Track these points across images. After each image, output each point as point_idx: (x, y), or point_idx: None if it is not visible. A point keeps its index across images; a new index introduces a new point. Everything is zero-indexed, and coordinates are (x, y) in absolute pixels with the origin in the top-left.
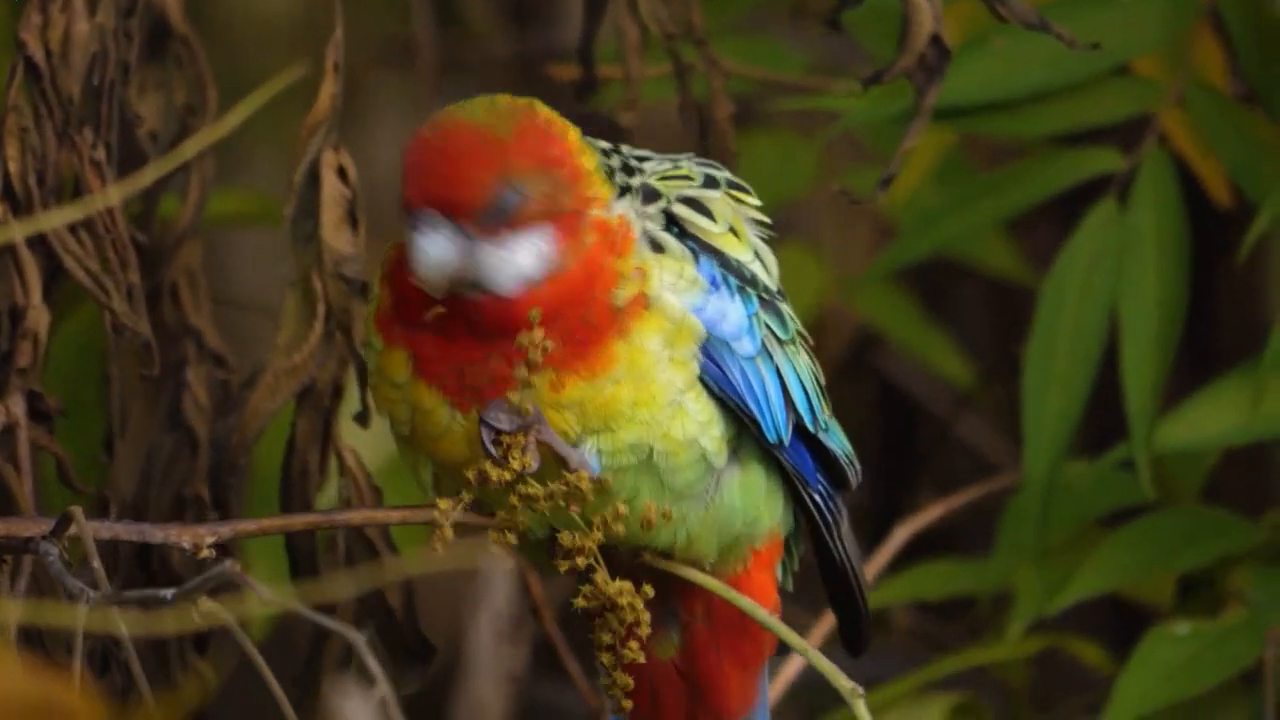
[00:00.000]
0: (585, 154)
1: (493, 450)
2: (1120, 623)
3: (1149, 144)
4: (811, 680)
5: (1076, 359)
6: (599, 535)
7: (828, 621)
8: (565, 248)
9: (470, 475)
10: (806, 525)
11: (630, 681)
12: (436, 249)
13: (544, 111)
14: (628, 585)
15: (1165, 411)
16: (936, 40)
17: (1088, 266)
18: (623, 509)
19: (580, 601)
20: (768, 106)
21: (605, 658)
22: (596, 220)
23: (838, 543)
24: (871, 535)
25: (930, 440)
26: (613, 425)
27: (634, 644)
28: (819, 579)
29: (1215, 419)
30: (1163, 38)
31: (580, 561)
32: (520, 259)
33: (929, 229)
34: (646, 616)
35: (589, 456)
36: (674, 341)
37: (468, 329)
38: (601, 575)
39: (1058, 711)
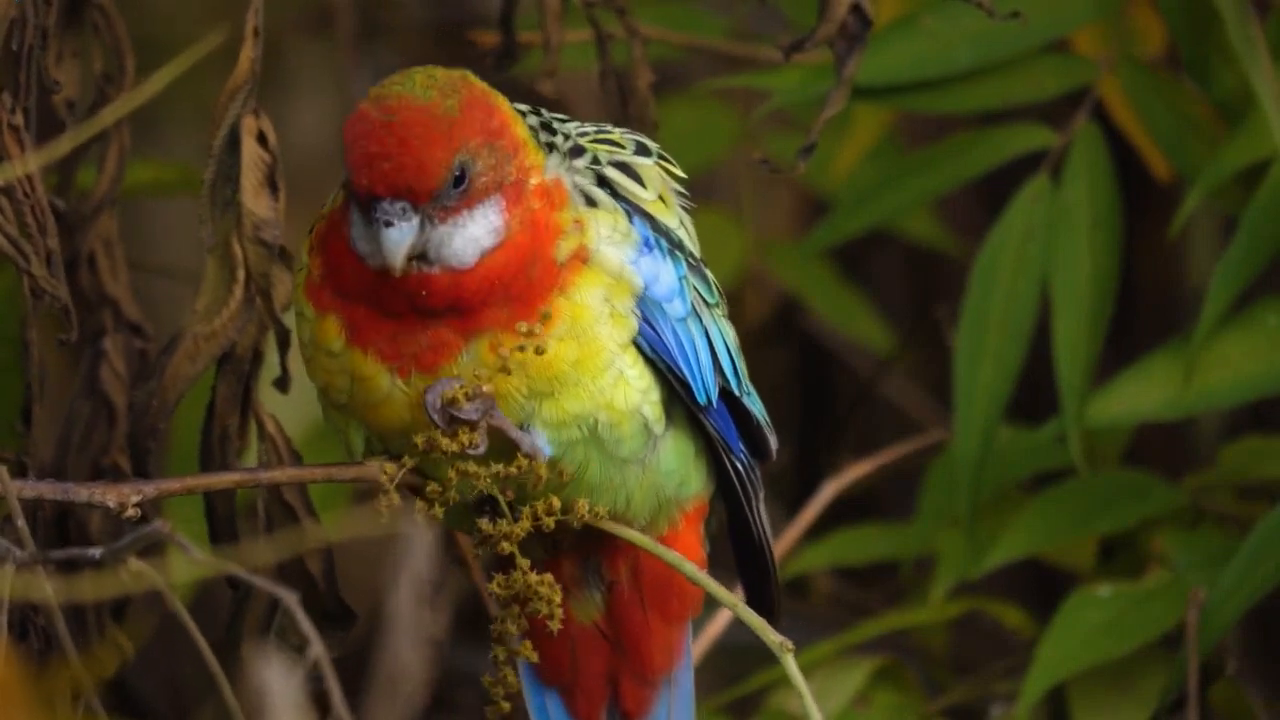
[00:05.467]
0: (518, 122)
1: (440, 421)
2: (1042, 586)
3: (1081, 120)
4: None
5: (1008, 333)
6: (527, 525)
7: None
8: (512, 216)
9: (420, 441)
10: (721, 496)
11: (515, 684)
12: (400, 235)
13: (479, 83)
14: (548, 576)
15: (1094, 383)
16: (857, 9)
17: (1020, 242)
18: (555, 502)
19: (495, 588)
20: (694, 80)
21: (499, 651)
22: (536, 187)
23: (756, 514)
24: (794, 497)
25: (852, 401)
26: (556, 388)
27: (528, 644)
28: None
29: (1146, 394)
30: (1098, 12)
31: (506, 547)
32: (475, 232)
33: (863, 206)
34: (560, 613)
35: (540, 441)
36: (613, 296)
37: (406, 303)
38: (523, 564)
39: (979, 675)
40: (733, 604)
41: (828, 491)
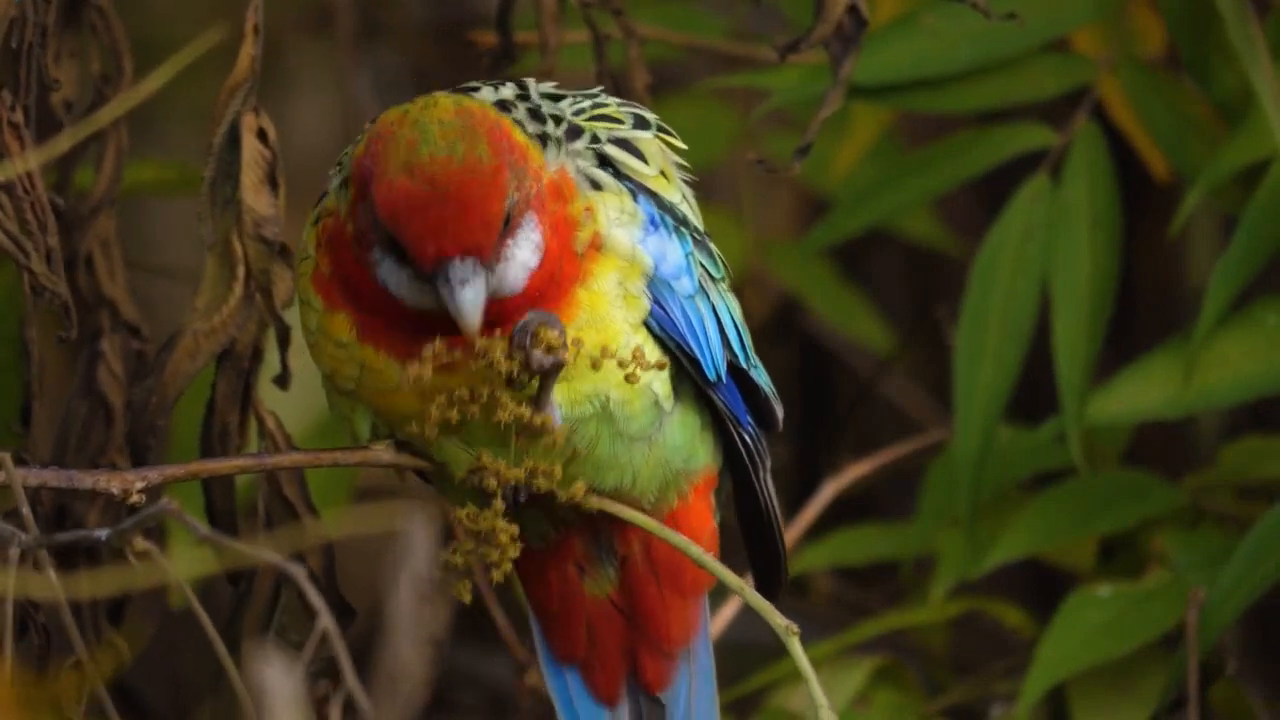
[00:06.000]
0: (515, 128)
1: (517, 340)
2: (1042, 586)
3: (1081, 119)
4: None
5: (1008, 333)
6: (521, 474)
7: None
8: (543, 224)
9: (479, 344)
10: (729, 467)
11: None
12: (476, 297)
13: (476, 107)
14: (514, 530)
15: (1093, 383)
16: (854, 9)
17: (1020, 241)
18: (557, 470)
19: (461, 515)
20: (693, 80)
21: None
22: (548, 185)
23: (763, 484)
24: (794, 497)
25: (852, 401)
26: (571, 375)
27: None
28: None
29: (1146, 393)
30: (1098, 12)
31: (491, 483)
32: (523, 256)
33: (862, 205)
34: (508, 567)
35: (556, 412)
36: (626, 278)
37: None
38: (498, 507)
39: (979, 675)
40: (739, 586)
41: (828, 491)
